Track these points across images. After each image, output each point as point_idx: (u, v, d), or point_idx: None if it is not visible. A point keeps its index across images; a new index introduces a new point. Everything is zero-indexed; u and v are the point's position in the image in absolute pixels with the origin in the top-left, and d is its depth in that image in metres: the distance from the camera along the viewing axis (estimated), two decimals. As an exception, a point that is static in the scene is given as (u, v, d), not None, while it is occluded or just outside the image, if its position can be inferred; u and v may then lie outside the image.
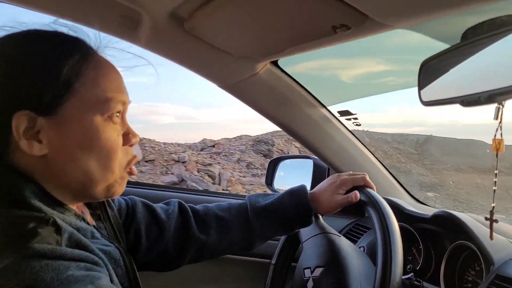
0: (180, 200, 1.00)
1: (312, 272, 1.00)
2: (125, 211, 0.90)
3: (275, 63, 1.22)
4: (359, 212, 0.96)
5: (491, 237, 0.66)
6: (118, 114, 0.67)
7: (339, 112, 1.38)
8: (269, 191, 1.75)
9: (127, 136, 0.70)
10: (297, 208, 0.99)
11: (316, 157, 1.55)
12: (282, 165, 1.82)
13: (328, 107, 1.37)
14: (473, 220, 1.01)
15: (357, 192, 0.95)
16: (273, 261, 1.18)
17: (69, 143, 0.62)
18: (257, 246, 1.03)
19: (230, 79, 1.24)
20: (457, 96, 0.68)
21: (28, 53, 0.61)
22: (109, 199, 0.84)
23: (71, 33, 0.66)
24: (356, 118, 1.38)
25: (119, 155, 0.67)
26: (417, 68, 0.79)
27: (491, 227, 0.63)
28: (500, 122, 0.57)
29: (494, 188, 0.58)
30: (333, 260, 0.96)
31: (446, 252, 1.06)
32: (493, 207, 0.60)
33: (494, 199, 0.59)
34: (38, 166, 0.61)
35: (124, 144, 0.69)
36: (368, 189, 0.95)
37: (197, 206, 1.00)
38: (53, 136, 0.61)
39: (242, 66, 1.17)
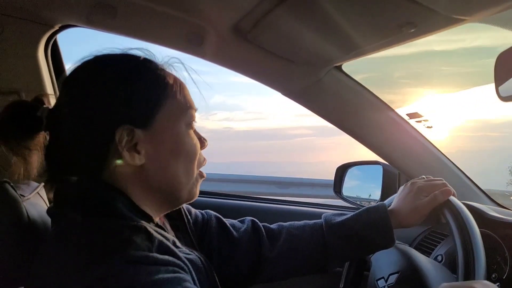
0: (253, 219, 0.99)
1: (386, 281, 0.96)
2: (201, 224, 0.93)
3: (339, 68, 1.21)
4: (433, 219, 0.90)
5: None
6: (195, 122, 0.74)
7: (407, 114, 1.33)
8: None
9: (200, 140, 0.76)
10: (375, 225, 0.91)
11: (386, 163, 1.50)
12: (350, 171, 1.78)
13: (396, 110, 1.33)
14: None
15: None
16: (342, 285, 1.12)
17: (162, 151, 0.69)
18: (333, 268, 0.97)
19: (293, 86, 1.25)
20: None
21: (124, 73, 0.68)
22: (187, 211, 0.89)
23: (144, 55, 0.73)
24: (426, 120, 1.32)
25: (197, 158, 0.74)
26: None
27: None
28: None
29: None
30: (407, 266, 0.92)
31: (536, 260, 0.97)
32: None
33: None
34: (134, 177, 0.67)
35: (200, 149, 0.76)
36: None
37: (272, 225, 0.99)
38: (149, 147, 0.67)
39: (305, 73, 1.18)
